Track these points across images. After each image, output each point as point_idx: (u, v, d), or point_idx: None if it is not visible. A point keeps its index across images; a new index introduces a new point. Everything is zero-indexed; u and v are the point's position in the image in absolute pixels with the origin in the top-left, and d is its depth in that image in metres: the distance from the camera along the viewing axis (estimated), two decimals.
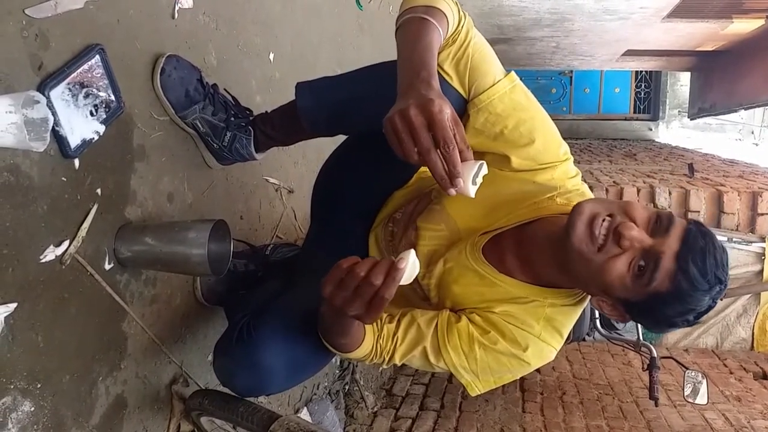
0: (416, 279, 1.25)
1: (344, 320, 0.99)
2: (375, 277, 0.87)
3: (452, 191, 0.87)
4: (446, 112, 0.83)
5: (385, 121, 0.86)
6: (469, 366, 1.14)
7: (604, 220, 1.02)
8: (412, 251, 0.89)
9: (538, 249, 1.13)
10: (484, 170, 0.91)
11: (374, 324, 1.14)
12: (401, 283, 0.88)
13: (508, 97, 1.10)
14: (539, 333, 1.14)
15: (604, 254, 1.01)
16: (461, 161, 0.85)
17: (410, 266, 0.88)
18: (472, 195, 0.90)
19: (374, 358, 1.15)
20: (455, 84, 1.09)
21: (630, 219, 1.02)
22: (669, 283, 0.99)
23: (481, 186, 1.19)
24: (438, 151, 0.84)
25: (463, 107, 1.11)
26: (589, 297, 1.15)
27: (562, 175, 1.17)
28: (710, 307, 1.02)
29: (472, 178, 0.88)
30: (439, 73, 1.07)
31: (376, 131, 1.29)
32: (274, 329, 1.14)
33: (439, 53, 1.08)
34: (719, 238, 3.85)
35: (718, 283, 0.99)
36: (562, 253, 1.06)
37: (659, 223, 1.01)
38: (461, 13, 1.08)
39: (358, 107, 1.22)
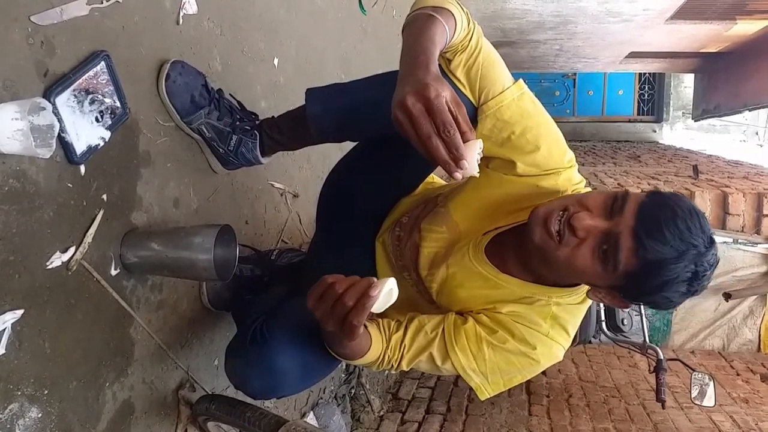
0: (421, 281, 1.25)
1: (335, 333, 0.97)
2: (348, 298, 0.87)
3: (458, 175, 0.84)
4: (443, 95, 0.82)
5: (392, 115, 0.85)
6: (478, 367, 1.14)
7: (561, 216, 1.02)
8: (391, 279, 0.88)
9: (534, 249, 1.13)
10: (481, 146, 0.88)
11: (383, 334, 1.15)
12: (375, 311, 0.87)
13: (516, 105, 1.11)
14: (547, 332, 1.15)
15: (566, 246, 1.02)
16: (464, 142, 0.83)
17: (384, 294, 0.87)
18: (477, 174, 0.87)
19: (381, 365, 1.16)
20: (467, 92, 1.11)
21: (585, 208, 1.02)
22: (635, 259, 0.97)
23: (485, 189, 1.20)
24: (440, 136, 0.82)
25: (473, 114, 1.13)
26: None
27: (566, 182, 1.17)
28: (698, 272, 0.97)
29: (476, 157, 0.86)
30: (451, 80, 1.09)
31: (384, 138, 1.29)
32: (287, 332, 1.15)
33: (450, 60, 1.09)
34: (724, 239, 3.80)
35: (690, 248, 0.95)
36: (535, 255, 1.07)
37: (615, 204, 1.01)
38: (471, 20, 1.09)
39: (367, 114, 1.22)
